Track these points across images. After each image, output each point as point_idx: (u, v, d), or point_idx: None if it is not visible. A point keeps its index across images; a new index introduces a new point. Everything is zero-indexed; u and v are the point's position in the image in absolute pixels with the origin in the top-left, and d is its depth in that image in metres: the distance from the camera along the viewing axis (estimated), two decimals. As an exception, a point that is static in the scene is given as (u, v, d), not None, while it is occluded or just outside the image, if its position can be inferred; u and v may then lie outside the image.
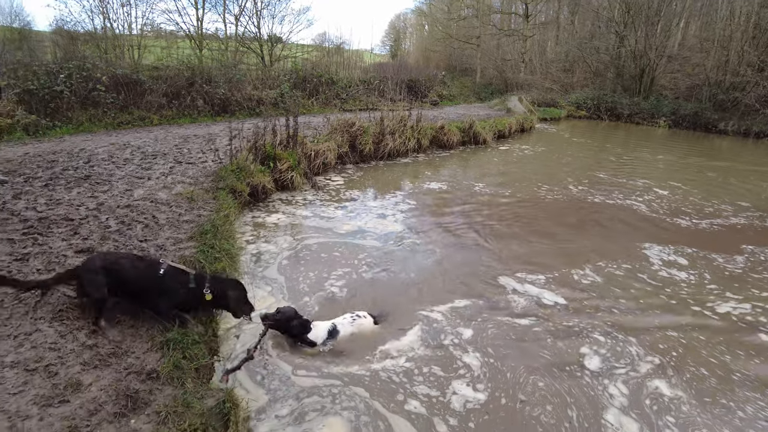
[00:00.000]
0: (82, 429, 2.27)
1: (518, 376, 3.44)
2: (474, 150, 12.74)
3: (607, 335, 4.03)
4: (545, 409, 3.12)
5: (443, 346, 3.72)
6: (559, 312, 4.40)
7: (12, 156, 6.97)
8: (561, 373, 3.50)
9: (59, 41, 20.14)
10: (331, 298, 4.36)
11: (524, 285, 4.87)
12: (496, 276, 5.04)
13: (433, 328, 3.96)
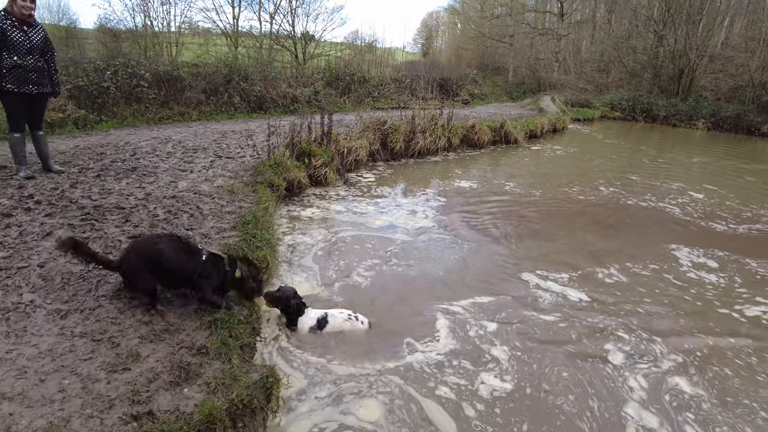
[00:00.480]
0: (143, 393, 2.50)
1: (543, 367, 3.55)
2: (505, 149, 12.74)
3: (631, 333, 4.09)
4: (568, 398, 3.23)
5: (470, 339, 3.85)
6: (584, 309, 4.48)
7: (65, 148, 7.41)
8: (584, 366, 3.60)
9: (102, 39, 21.03)
10: (358, 286, 4.55)
11: (549, 282, 4.95)
12: (522, 272, 5.13)
13: (459, 321, 4.08)
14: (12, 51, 5.02)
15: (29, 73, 5.16)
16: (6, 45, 4.98)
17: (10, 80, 5.08)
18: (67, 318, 3.02)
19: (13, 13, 4.99)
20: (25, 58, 5.09)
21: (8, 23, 4.97)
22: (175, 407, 2.47)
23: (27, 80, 5.18)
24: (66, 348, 2.75)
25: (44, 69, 5.35)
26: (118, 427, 2.29)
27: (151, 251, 3.18)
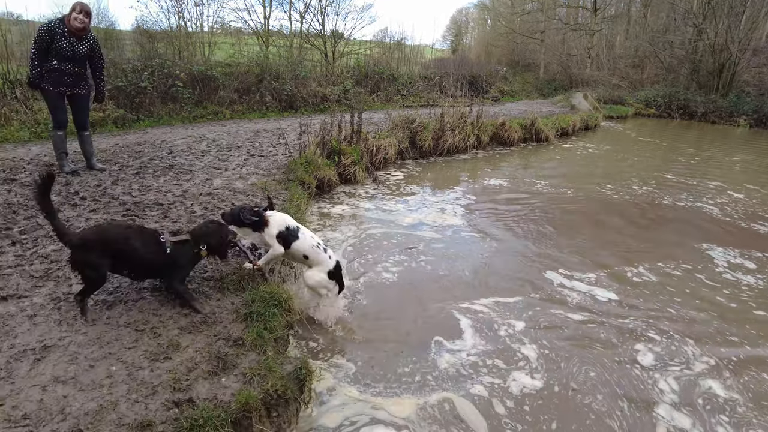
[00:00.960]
0: (183, 382, 2.62)
1: (571, 366, 3.56)
2: (535, 147, 12.60)
3: (662, 334, 4.05)
4: (596, 398, 3.23)
5: (500, 338, 3.86)
6: (613, 308, 4.44)
7: (106, 146, 7.73)
8: (612, 366, 3.59)
9: (139, 40, 21.69)
10: (386, 282, 4.61)
11: (577, 282, 4.92)
12: (550, 271, 5.11)
13: (487, 320, 4.10)
14: (53, 56, 5.42)
15: (64, 76, 5.54)
16: (52, 50, 5.38)
17: (47, 80, 5.49)
18: (112, 309, 3.19)
19: (68, 25, 5.37)
20: (63, 64, 5.48)
21: (60, 31, 5.35)
22: (213, 395, 2.58)
23: (61, 82, 5.55)
24: (112, 336, 2.90)
25: (82, 74, 5.72)
26: (161, 413, 2.41)
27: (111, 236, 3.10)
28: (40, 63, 5.42)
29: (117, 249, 3.02)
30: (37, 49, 5.37)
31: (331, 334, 3.77)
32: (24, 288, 3.33)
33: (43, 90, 5.57)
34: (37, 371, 2.59)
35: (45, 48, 5.37)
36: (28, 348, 2.74)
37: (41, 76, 5.46)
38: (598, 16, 27.80)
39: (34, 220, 4.44)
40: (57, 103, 5.67)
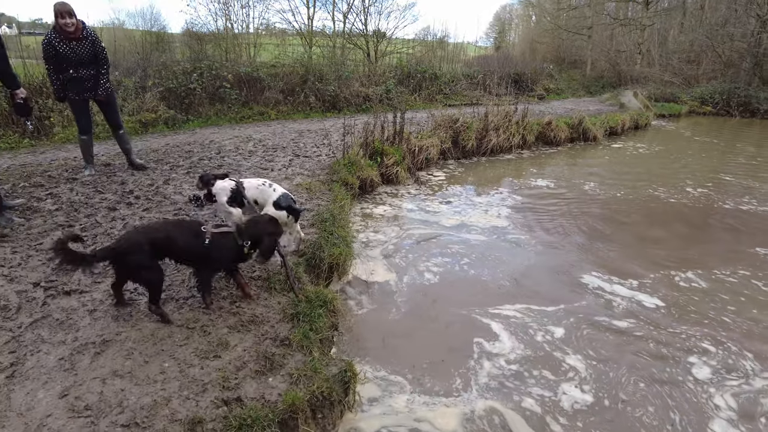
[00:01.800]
0: (231, 380, 2.69)
1: (620, 376, 3.43)
2: (583, 147, 12.21)
3: (718, 345, 3.85)
4: (647, 410, 3.10)
5: (543, 345, 3.76)
6: (662, 316, 4.25)
7: (157, 146, 8.03)
8: (661, 377, 3.45)
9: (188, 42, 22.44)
10: (428, 284, 4.56)
11: (625, 287, 4.75)
12: (596, 276, 4.94)
13: (531, 325, 4.00)
14: (68, 65, 5.51)
15: (84, 82, 5.66)
16: (60, 60, 5.46)
17: (71, 90, 5.64)
18: (165, 306, 3.29)
19: (60, 32, 5.38)
20: (78, 70, 5.57)
21: (57, 40, 5.38)
22: (260, 395, 2.63)
23: (84, 88, 5.69)
24: (165, 334, 3.01)
25: (98, 75, 5.75)
26: (211, 410, 2.47)
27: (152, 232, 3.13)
28: (57, 75, 5.54)
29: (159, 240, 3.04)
30: (48, 64, 5.51)
31: (371, 338, 3.77)
32: (85, 284, 3.50)
33: (69, 100, 5.72)
34: (97, 364, 2.71)
35: (54, 60, 5.45)
36: (89, 341, 2.88)
37: (64, 87, 5.61)
38: (650, 9, 26.60)
39: (93, 218, 4.66)
40: (81, 110, 5.83)
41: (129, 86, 11.06)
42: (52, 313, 3.14)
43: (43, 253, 3.89)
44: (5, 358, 2.69)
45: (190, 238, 3.13)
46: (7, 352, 2.75)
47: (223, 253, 3.23)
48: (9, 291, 3.32)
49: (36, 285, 3.43)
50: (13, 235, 4.17)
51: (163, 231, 3.11)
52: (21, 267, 3.67)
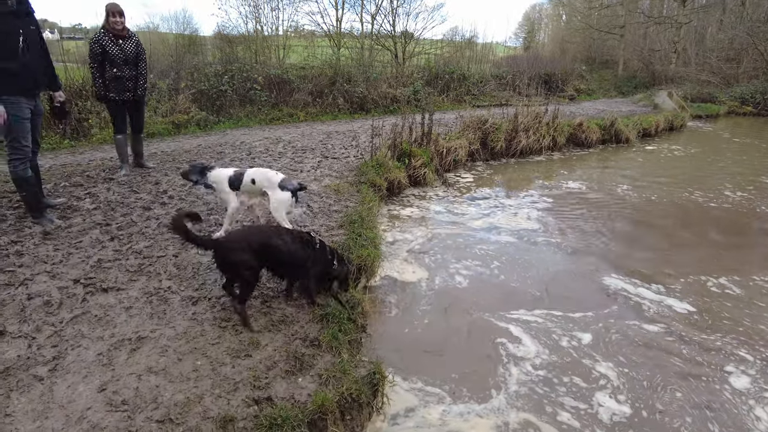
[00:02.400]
0: (262, 380, 2.72)
1: (654, 385, 3.34)
2: (615, 149, 11.93)
3: (756, 354, 3.70)
4: (685, 421, 3.01)
5: (572, 350, 3.68)
6: (695, 323, 4.12)
7: (189, 147, 8.22)
8: (698, 386, 3.34)
9: (219, 44, 22.89)
10: (456, 287, 4.53)
11: (655, 292, 4.62)
12: (626, 281, 4.82)
13: (559, 331, 3.92)
14: (112, 64, 5.75)
15: (126, 82, 5.90)
16: (106, 58, 5.72)
17: (112, 90, 5.84)
18: (197, 304, 3.37)
19: (111, 30, 5.70)
20: (122, 69, 5.81)
21: (107, 39, 5.68)
22: (290, 395, 2.65)
23: (125, 89, 5.92)
24: (197, 332, 3.07)
25: (137, 76, 6.00)
26: (242, 409, 2.51)
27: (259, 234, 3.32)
28: (101, 74, 5.77)
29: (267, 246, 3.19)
30: (93, 62, 5.73)
31: (399, 341, 3.76)
32: (121, 281, 3.60)
33: (109, 100, 5.92)
34: (133, 360, 2.79)
35: (100, 59, 5.70)
36: (125, 338, 2.96)
37: (105, 87, 5.82)
38: (686, 6, 25.80)
39: (129, 217, 4.80)
40: (119, 111, 6.05)
41: (162, 88, 11.36)
42: (90, 309, 3.24)
43: (84, 250, 4.02)
44: (48, 351, 2.79)
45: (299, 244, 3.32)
46: (49, 346, 2.85)
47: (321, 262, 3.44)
48: (51, 287, 3.44)
49: (76, 282, 3.55)
50: (55, 233, 4.33)
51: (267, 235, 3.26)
52: (62, 264, 3.80)
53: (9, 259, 3.80)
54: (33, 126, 4.41)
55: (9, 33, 3.98)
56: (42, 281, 3.53)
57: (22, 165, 4.30)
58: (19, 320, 3.06)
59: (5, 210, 4.81)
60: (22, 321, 3.06)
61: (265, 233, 3.29)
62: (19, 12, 4.04)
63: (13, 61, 4.02)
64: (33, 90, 4.28)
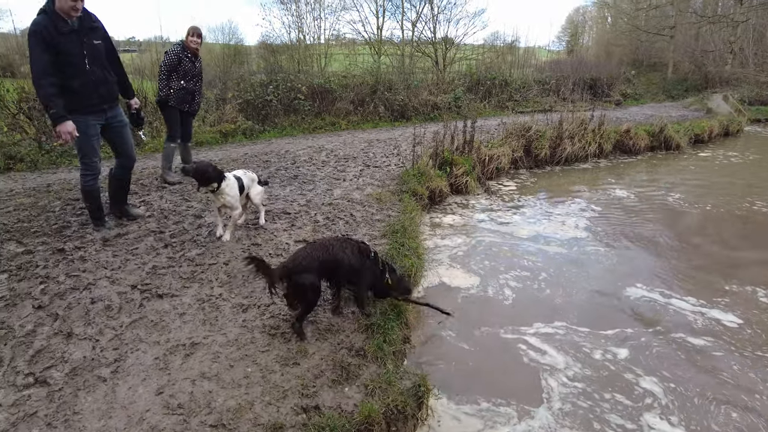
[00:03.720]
0: (310, 388, 2.77)
1: (706, 403, 3.19)
2: (665, 156, 11.48)
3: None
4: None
5: (614, 364, 3.57)
6: (745, 337, 3.93)
7: (236, 156, 8.47)
8: (754, 404, 3.18)
9: (263, 54, 23.55)
10: (504, 298, 4.47)
11: (702, 306, 4.44)
12: (676, 295, 4.64)
13: (602, 345, 3.81)
14: (181, 76, 6.22)
15: (188, 94, 6.37)
16: (178, 71, 6.18)
17: (174, 99, 6.25)
18: (247, 312, 3.47)
19: (188, 48, 6.21)
20: (189, 83, 6.31)
21: (183, 54, 6.18)
22: (337, 404, 2.69)
23: (185, 99, 6.36)
24: (248, 339, 3.16)
25: (195, 93, 6.49)
26: (291, 417, 2.56)
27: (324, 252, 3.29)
28: (167, 84, 6.18)
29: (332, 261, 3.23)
30: (166, 70, 6.14)
31: (443, 354, 3.74)
32: (175, 288, 3.75)
33: (170, 108, 6.31)
34: (187, 365, 2.90)
35: (172, 70, 6.14)
36: (179, 343, 3.09)
37: (168, 95, 6.22)
38: (744, 4, 24.55)
39: (181, 225, 5.00)
40: (175, 119, 6.40)
41: (210, 98, 11.79)
42: (147, 314, 3.40)
43: (140, 257, 4.22)
44: (110, 354, 2.95)
45: (357, 255, 3.34)
46: (111, 348, 3.01)
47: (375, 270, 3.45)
48: (111, 292, 3.63)
49: (133, 287, 3.73)
50: (113, 240, 4.56)
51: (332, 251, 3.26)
52: (121, 270, 4.00)
53: (74, 264, 4.04)
54: (121, 136, 4.62)
55: (72, 52, 4.03)
56: (103, 286, 3.73)
57: (92, 180, 4.48)
58: (84, 323, 3.25)
59: (69, 217, 5.10)
60: (87, 324, 3.24)
61: (329, 249, 3.26)
62: (82, 29, 4.08)
63: (78, 80, 4.11)
64: (99, 105, 4.35)
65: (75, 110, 4.12)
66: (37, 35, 3.84)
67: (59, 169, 7.60)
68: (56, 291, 3.62)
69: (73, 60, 4.05)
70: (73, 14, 3.96)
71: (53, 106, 3.92)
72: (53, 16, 3.90)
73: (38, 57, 3.85)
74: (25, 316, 3.30)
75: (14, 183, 6.58)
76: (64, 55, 3.98)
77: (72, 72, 4.07)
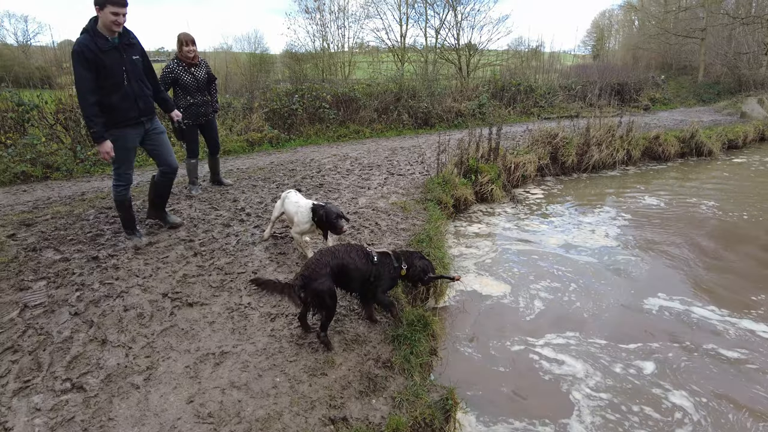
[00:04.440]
0: (337, 399, 2.78)
1: (742, 420, 3.08)
2: (696, 163, 11.18)
3: None
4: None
5: (640, 377, 3.47)
6: None
7: (263, 164, 8.60)
8: None
9: (288, 63, 23.91)
10: (534, 309, 4.40)
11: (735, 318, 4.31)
12: (708, 307, 4.51)
13: (630, 359, 3.71)
14: (186, 92, 6.06)
15: (200, 108, 6.22)
16: (180, 87, 6.03)
17: (188, 116, 6.08)
18: (275, 321, 3.51)
19: (182, 59, 5.98)
20: (195, 96, 6.12)
21: (179, 69, 5.97)
22: (364, 416, 2.69)
23: (198, 114, 6.23)
24: (276, 348, 3.19)
25: (209, 101, 6.32)
26: (319, 428, 2.57)
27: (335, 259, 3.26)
28: (176, 102, 5.97)
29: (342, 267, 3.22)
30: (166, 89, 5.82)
31: (470, 369, 3.71)
32: (205, 296, 3.82)
33: (185, 126, 6.03)
34: (217, 374, 2.94)
35: (171, 88, 6.00)
36: (209, 352, 3.13)
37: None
38: (778, 5, 23.80)
39: (210, 233, 5.08)
40: (194, 136, 6.37)
41: (237, 108, 12.00)
42: (178, 322, 3.46)
43: (170, 265, 4.31)
44: (143, 361, 3.01)
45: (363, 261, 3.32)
46: (143, 356, 3.07)
47: (385, 273, 3.40)
48: (144, 300, 3.72)
49: (164, 295, 3.81)
50: (145, 248, 4.67)
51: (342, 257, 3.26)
52: (152, 278, 4.09)
53: (108, 272, 4.15)
54: (159, 144, 4.71)
55: (112, 69, 4.15)
56: (135, 294, 3.82)
57: (124, 190, 4.59)
58: (118, 330, 3.33)
59: (103, 225, 5.25)
60: (120, 331, 3.32)
61: (337, 254, 3.27)
62: (121, 46, 4.20)
63: (117, 95, 4.23)
64: (138, 119, 4.45)
65: (115, 125, 4.28)
66: (79, 55, 3.98)
67: (92, 177, 7.84)
68: (91, 298, 3.72)
69: (113, 76, 4.17)
70: (115, 29, 4.08)
71: (94, 126, 4.09)
72: (94, 34, 4.04)
73: (81, 76, 4.01)
74: (63, 323, 3.40)
75: (51, 191, 6.81)
76: (104, 72, 4.10)
77: (112, 88, 4.20)
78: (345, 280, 3.30)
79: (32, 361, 3.00)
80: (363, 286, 3.39)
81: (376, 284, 3.38)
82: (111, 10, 3.98)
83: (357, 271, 3.28)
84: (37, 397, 2.70)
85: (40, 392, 2.73)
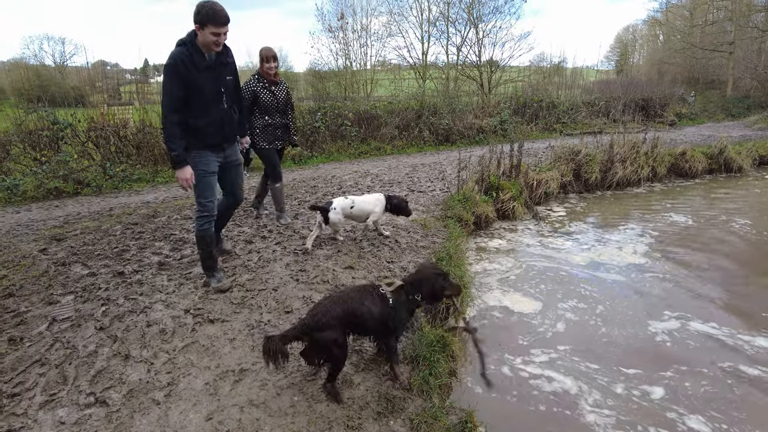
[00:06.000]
0: (355, 420, 2.75)
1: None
2: (726, 179, 10.89)
3: None
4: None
5: (661, 400, 3.34)
6: None
7: (285, 181, 8.67)
8: None
9: (311, 80, 24.34)
10: (551, 332, 4.31)
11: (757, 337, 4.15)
12: (740, 331, 4.34)
13: (665, 389, 3.59)
14: (264, 112, 5.51)
15: (276, 130, 5.68)
16: (258, 106, 5.49)
17: (262, 138, 5.61)
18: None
19: (264, 76, 5.48)
20: (273, 117, 5.58)
21: (260, 86, 5.44)
22: (382, 438, 2.66)
23: (275, 137, 5.70)
24: (294, 367, 3.19)
25: (287, 125, 5.84)
26: (337, 448, 2.55)
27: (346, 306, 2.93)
28: (252, 122, 5.47)
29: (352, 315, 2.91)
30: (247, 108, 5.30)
31: (491, 391, 3.64)
32: (225, 313, 3.85)
33: (260, 149, 5.66)
34: (236, 392, 2.95)
35: (249, 106, 5.38)
36: (229, 369, 3.15)
37: (254, 135, 5.54)
38: (809, 19, 23.30)
39: (233, 250, 5.14)
40: (275, 160, 5.80)
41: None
42: (199, 339, 3.50)
43: (192, 281, 4.38)
44: (164, 377, 3.05)
45: (379, 306, 2.98)
46: (164, 372, 3.11)
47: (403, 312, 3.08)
48: (166, 316, 3.77)
49: (186, 312, 3.86)
50: (168, 264, 4.76)
51: (354, 303, 2.94)
52: (175, 294, 4.16)
53: (132, 287, 4.24)
54: (234, 176, 4.33)
55: (203, 90, 3.80)
56: (158, 310, 3.88)
57: (206, 223, 4.12)
58: (140, 346, 3.38)
59: (129, 240, 5.38)
60: (143, 347, 3.37)
61: (347, 303, 2.94)
62: (216, 64, 3.86)
63: (205, 119, 3.87)
64: (221, 144, 4.08)
65: (196, 147, 3.92)
66: (173, 68, 3.64)
67: (120, 193, 8.06)
68: (116, 313, 3.80)
69: (203, 98, 3.83)
70: (215, 48, 3.74)
71: (175, 149, 3.72)
72: (192, 49, 3.70)
73: (169, 92, 3.66)
74: (88, 337, 3.48)
75: (81, 207, 7.02)
76: (194, 92, 3.76)
77: (201, 110, 3.85)
78: (359, 329, 3.03)
79: (58, 375, 3.06)
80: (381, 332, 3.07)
81: (394, 327, 3.05)
82: (212, 30, 3.63)
83: (372, 318, 2.95)
84: (62, 410, 2.75)
85: (65, 405, 2.79)
